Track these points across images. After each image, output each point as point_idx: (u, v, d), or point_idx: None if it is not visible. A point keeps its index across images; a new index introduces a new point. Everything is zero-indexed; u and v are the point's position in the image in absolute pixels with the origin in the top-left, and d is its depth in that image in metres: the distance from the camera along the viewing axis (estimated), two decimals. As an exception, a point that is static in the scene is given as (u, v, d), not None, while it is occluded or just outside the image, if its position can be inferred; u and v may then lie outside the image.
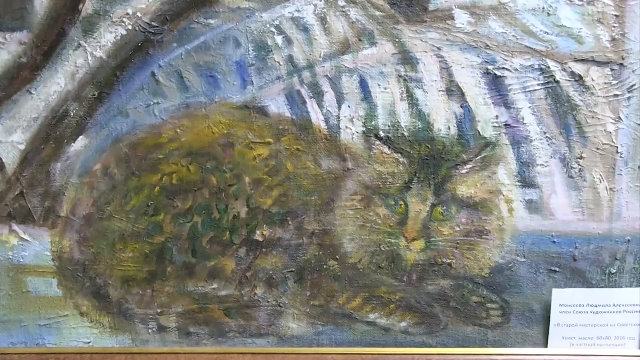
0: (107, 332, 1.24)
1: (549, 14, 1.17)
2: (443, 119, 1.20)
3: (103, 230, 1.22)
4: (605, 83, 1.19)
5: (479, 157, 1.21)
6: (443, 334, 1.24)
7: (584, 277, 1.23)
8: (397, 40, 1.18)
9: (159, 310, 1.24)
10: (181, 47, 1.18)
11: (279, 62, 1.18)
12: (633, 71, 1.18)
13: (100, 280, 1.23)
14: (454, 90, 1.19)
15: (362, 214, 1.22)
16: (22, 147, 1.20)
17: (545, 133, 1.20)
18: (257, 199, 1.21)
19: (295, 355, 1.24)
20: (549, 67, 1.18)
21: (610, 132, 1.21)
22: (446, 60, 1.19)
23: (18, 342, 1.24)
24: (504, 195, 1.22)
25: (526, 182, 1.21)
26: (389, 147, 1.20)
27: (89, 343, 1.24)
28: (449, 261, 1.23)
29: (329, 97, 1.19)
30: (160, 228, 1.22)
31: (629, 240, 1.23)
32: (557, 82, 1.19)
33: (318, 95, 1.19)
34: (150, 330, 1.24)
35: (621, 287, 1.24)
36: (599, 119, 1.20)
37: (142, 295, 1.23)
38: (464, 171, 1.21)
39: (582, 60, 1.18)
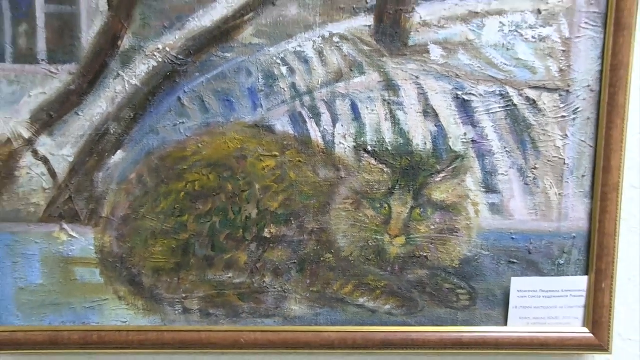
0: (140, 313, 1.35)
1: (507, 49, 1.29)
2: (420, 135, 1.31)
3: (137, 229, 1.33)
4: (554, 106, 1.31)
5: (450, 168, 1.32)
6: (420, 315, 1.36)
7: (537, 268, 1.35)
8: (382, 70, 1.29)
9: (183, 295, 1.35)
10: (202, 76, 1.29)
11: (283, 89, 1.29)
12: (577, 96, 1.30)
13: (135, 270, 1.34)
14: (429, 112, 1.30)
15: (353, 215, 1.33)
16: (71, 159, 1.31)
17: (505, 147, 1.32)
18: (265, 202, 1.32)
19: (297, 333, 1.35)
20: (508, 93, 1.30)
21: (559, 147, 1.32)
22: (423, 87, 1.30)
23: (67, 321, 1.35)
24: (471, 199, 1.34)
25: (489, 188, 1.33)
26: (375, 159, 1.32)
27: (125, 322, 1.36)
28: (425, 254, 1.35)
29: (325, 117, 1.31)
30: (184, 227, 1.33)
31: (574, 237, 1.34)
32: (515, 105, 1.31)
33: (316, 116, 1.30)
34: (176, 312, 1.36)
35: (568, 275, 1.35)
36: (549, 136, 1.32)
37: (169, 283, 1.34)
38: (437, 179, 1.32)
39: (535, 87, 1.30)
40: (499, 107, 1.33)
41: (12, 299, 1.37)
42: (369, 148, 1.33)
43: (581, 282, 1.37)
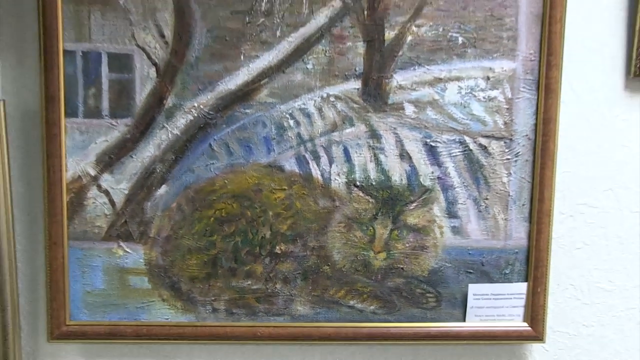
0: (179, 312, 1.17)
1: (464, 106, 1.13)
2: (397, 173, 1.14)
3: (177, 246, 1.16)
4: (501, 151, 1.14)
5: (420, 199, 1.15)
6: (398, 313, 1.18)
7: (489, 276, 1.17)
8: (368, 123, 1.13)
9: (212, 298, 1.17)
10: (228, 127, 1.13)
11: (291, 137, 1.13)
12: (518, 143, 1.13)
13: (175, 278, 1.16)
14: (404, 155, 1.14)
15: (345, 235, 1.16)
16: (126, 192, 1.14)
17: (463, 183, 1.15)
18: (276, 225, 1.15)
19: (301, 328, 1.18)
20: (465, 141, 1.14)
21: (504, 182, 1.15)
22: (399, 136, 1.14)
23: (123, 317, 1.17)
24: (437, 223, 1.16)
25: (451, 214, 1.16)
26: (363, 192, 1.15)
27: (167, 319, 1.17)
28: (401, 266, 1.17)
29: (324, 159, 1.14)
30: (213, 244, 1.16)
31: (516, 252, 1.16)
32: (471, 150, 1.14)
33: (316, 158, 1.14)
34: (207, 311, 1.18)
35: (512, 282, 1.17)
36: (497, 174, 1.15)
37: (201, 288, 1.17)
38: (411, 207, 1.15)
39: (486, 136, 1.14)
40: (458, 152, 1.15)
41: (80, 300, 1.18)
42: (358, 183, 1.16)
43: (522, 287, 1.18)
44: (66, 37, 1.12)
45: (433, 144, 1.15)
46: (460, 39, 1.13)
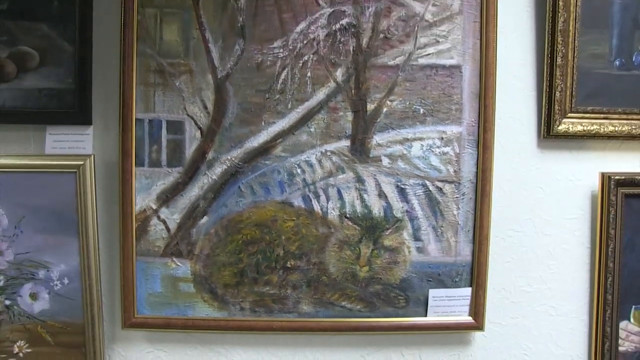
0: (216, 310, 1.02)
1: (425, 159, 1.00)
2: (377, 208, 1.01)
3: (214, 261, 1.02)
4: (452, 191, 1.01)
5: (394, 227, 1.01)
6: (377, 311, 1.03)
7: (444, 283, 1.02)
8: (355, 170, 1.01)
9: (240, 300, 1.02)
10: (252, 174, 1.00)
11: (298, 181, 1.00)
12: (464, 186, 1.01)
13: (213, 285, 1.02)
14: (382, 194, 1.01)
15: (338, 254, 1.02)
16: (178, 221, 1.01)
17: (425, 215, 1.01)
18: (288, 246, 1.01)
19: (306, 322, 1.03)
20: (426, 184, 1.01)
21: (455, 214, 1.01)
22: (378, 180, 1.01)
23: (175, 313, 1.03)
24: (406, 245, 1.02)
25: (416, 238, 1.02)
26: (351, 222, 1.01)
27: (207, 314, 1.03)
28: (380, 276, 1.02)
29: (323, 197, 1.01)
30: (241, 260, 1.02)
31: (464, 265, 1.02)
32: (430, 191, 1.01)
33: (317, 197, 1.01)
34: (236, 309, 1.03)
35: (460, 287, 1.03)
36: (449, 208, 1.01)
37: (233, 292, 1.02)
38: (387, 233, 1.01)
39: (441, 181, 1.01)
40: (421, 192, 1.02)
41: (144, 300, 1.04)
42: (347, 215, 1.02)
43: (468, 291, 1.04)
44: (138, 109, 1.01)
45: (403, 186, 1.02)
46: (421, 110, 1.01)
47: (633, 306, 1.07)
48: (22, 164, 1.02)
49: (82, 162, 1.01)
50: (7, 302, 1.04)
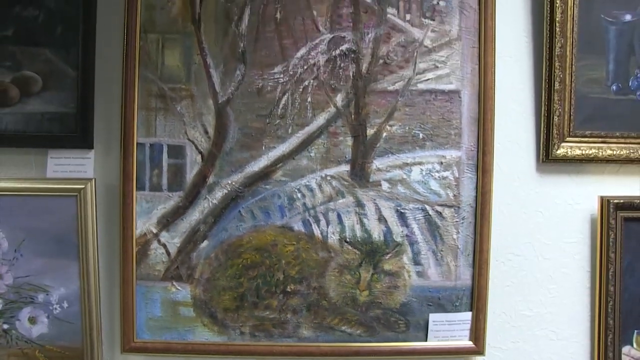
0: (216, 334, 1.02)
1: (425, 183, 1.01)
2: (376, 232, 1.01)
3: (214, 285, 1.02)
4: (452, 216, 1.01)
5: (394, 251, 1.02)
6: (378, 336, 1.02)
7: (444, 308, 1.02)
8: (355, 195, 1.01)
9: (240, 324, 1.02)
10: (252, 198, 1.01)
11: (299, 206, 1.01)
12: (464, 210, 1.01)
13: (213, 309, 1.01)
14: (381, 219, 1.01)
15: (339, 278, 1.02)
16: (178, 245, 1.01)
17: (424, 239, 1.02)
18: (288, 271, 1.01)
19: (306, 347, 1.03)
20: (426, 208, 1.01)
21: (455, 238, 1.02)
22: (378, 205, 1.01)
23: (174, 337, 1.03)
24: (406, 269, 1.02)
25: (416, 262, 1.02)
26: (351, 246, 1.01)
27: (207, 339, 1.02)
28: (380, 301, 1.02)
29: (323, 222, 1.01)
30: (241, 284, 1.01)
31: (464, 290, 1.02)
32: (430, 215, 1.01)
33: (317, 221, 1.01)
34: (236, 334, 1.02)
35: (461, 312, 1.03)
36: (449, 232, 1.02)
37: (233, 317, 1.02)
38: (386, 257, 1.01)
39: (441, 205, 1.01)
40: (421, 216, 1.02)
41: (144, 324, 1.03)
42: (347, 239, 1.02)
43: (468, 316, 1.03)
44: (139, 134, 1.02)
45: (402, 210, 1.03)
46: (421, 135, 1.02)
47: (635, 331, 1.07)
48: (23, 188, 1.03)
49: (83, 186, 1.02)
50: (5, 327, 1.04)
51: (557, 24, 1.02)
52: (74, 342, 1.04)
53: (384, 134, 1.02)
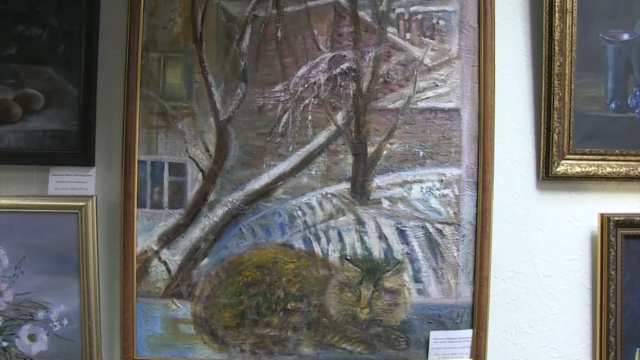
0: (216, 351, 1.03)
1: (425, 201, 1.02)
2: (377, 250, 1.03)
3: (215, 303, 1.03)
4: (452, 233, 1.02)
5: (394, 268, 1.03)
6: (378, 354, 1.03)
7: (445, 325, 1.03)
8: (355, 213, 1.02)
9: (240, 342, 1.03)
10: (253, 216, 1.02)
11: (299, 223, 1.02)
12: (464, 228, 1.02)
13: (213, 327, 1.02)
14: (382, 237, 1.03)
15: (339, 296, 1.02)
16: (179, 262, 1.02)
17: (425, 257, 1.03)
18: (288, 288, 1.02)
19: None
20: (426, 226, 1.02)
21: (455, 256, 1.03)
22: (378, 222, 1.03)
23: (175, 355, 1.04)
24: (406, 286, 1.03)
25: (417, 280, 1.03)
26: (351, 264, 1.02)
27: (207, 356, 1.03)
28: (380, 318, 1.03)
29: (323, 239, 1.02)
30: (242, 302, 1.02)
31: (464, 307, 1.03)
32: (430, 233, 1.03)
33: (318, 239, 1.02)
34: (236, 351, 1.03)
35: (461, 329, 1.03)
36: (449, 250, 1.03)
37: (233, 334, 1.03)
38: (387, 275, 1.02)
39: (441, 223, 1.02)
40: (421, 234, 1.03)
41: (144, 341, 1.04)
42: (348, 257, 1.03)
43: (469, 333, 1.04)
44: (141, 151, 1.04)
45: (403, 228, 1.04)
46: (421, 153, 1.04)
47: (637, 349, 1.07)
48: (24, 205, 1.04)
49: (84, 203, 1.03)
50: (5, 344, 1.05)
51: (555, 43, 1.04)
52: (74, 359, 1.05)
53: (385, 152, 1.04)
